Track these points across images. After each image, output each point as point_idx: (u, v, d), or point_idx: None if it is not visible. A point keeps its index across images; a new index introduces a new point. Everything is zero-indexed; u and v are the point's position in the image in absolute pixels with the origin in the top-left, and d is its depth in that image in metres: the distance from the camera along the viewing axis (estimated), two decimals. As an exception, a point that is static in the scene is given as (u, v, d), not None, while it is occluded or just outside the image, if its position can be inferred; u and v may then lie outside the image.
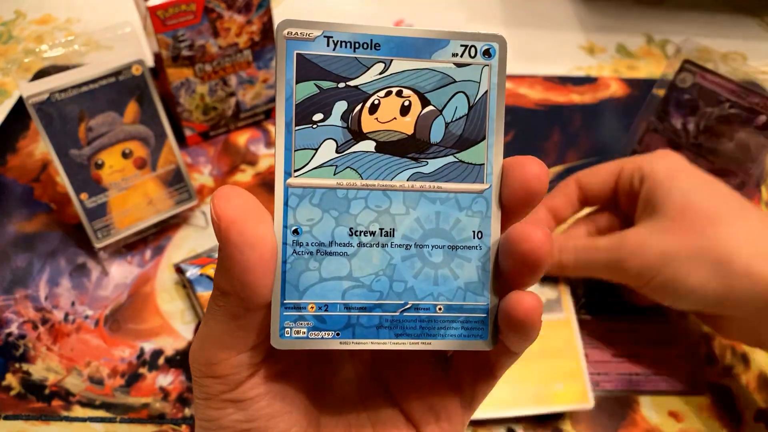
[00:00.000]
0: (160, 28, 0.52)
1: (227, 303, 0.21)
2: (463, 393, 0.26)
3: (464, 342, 0.23)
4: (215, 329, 0.22)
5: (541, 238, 0.21)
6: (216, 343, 0.22)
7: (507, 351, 0.24)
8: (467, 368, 0.26)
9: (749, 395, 0.47)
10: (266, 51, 0.59)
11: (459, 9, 0.83)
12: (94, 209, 0.50)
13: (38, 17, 0.77)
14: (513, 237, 0.22)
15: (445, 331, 0.23)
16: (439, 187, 0.22)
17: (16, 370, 0.46)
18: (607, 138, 0.66)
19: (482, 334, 0.23)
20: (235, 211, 0.20)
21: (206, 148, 0.62)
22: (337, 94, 0.22)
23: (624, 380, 0.47)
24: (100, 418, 0.44)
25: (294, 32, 0.22)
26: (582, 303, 0.50)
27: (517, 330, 0.22)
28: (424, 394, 0.26)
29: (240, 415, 0.23)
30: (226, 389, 0.23)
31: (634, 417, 0.46)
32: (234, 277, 0.20)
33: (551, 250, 0.21)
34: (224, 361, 0.22)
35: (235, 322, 0.21)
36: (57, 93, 0.46)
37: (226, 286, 0.21)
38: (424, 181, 0.22)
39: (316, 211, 0.22)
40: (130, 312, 0.50)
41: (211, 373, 0.22)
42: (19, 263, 0.52)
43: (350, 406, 0.26)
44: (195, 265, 0.50)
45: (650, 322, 0.50)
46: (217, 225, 0.20)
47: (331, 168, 0.22)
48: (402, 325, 0.22)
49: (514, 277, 0.23)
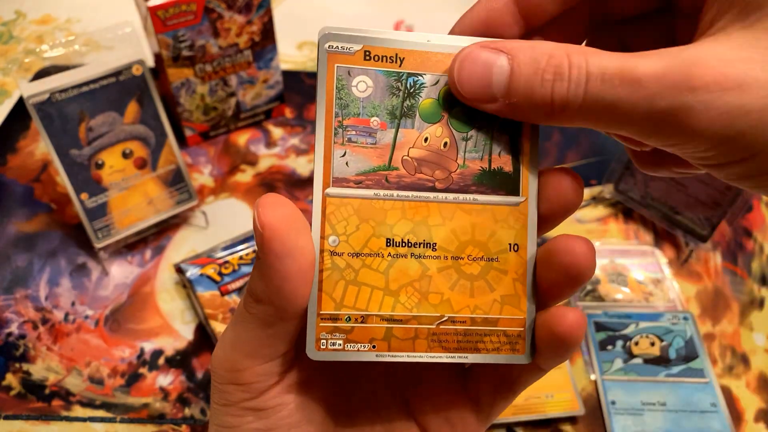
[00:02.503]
0: (160, 28, 0.52)
1: (260, 311, 0.21)
2: (481, 407, 0.26)
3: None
4: (243, 336, 0.22)
5: (585, 251, 0.21)
6: (243, 349, 0.22)
7: (534, 368, 0.24)
8: (487, 382, 0.25)
9: (749, 395, 0.47)
10: (266, 51, 0.59)
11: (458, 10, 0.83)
12: (95, 209, 0.50)
13: (39, 17, 0.77)
14: (555, 249, 0.21)
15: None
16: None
17: (16, 369, 0.46)
18: (607, 138, 0.66)
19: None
20: (278, 221, 0.19)
21: (206, 148, 0.62)
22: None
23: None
24: (100, 417, 0.44)
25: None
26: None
27: (557, 346, 0.22)
28: (441, 407, 0.26)
29: (260, 424, 0.23)
30: (248, 397, 0.22)
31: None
32: (271, 285, 0.20)
33: (594, 263, 0.21)
34: (250, 368, 0.22)
35: (266, 331, 0.21)
36: (57, 93, 0.46)
37: (262, 293, 0.20)
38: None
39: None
40: (130, 312, 0.50)
41: (235, 380, 0.22)
42: (20, 263, 0.52)
43: (365, 417, 0.26)
44: (195, 265, 0.50)
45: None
46: (260, 233, 0.19)
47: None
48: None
49: (554, 289, 0.22)
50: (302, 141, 0.63)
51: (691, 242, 0.55)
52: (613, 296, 0.52)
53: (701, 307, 0.53)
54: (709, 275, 0.55)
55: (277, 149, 0.63)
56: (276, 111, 0.65)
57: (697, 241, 0.54)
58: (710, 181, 0.52)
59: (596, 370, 0.47)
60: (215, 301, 0.48)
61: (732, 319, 0.52)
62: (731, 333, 0.51)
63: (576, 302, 0.52)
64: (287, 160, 0.62)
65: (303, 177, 0.60)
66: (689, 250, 0.56)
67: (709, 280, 0.54)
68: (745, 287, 0.54)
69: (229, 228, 0.55)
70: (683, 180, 0.53)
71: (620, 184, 0.58)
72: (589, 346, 0.49)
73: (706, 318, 0.52)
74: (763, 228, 0.59)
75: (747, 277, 0.55)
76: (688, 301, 0.53)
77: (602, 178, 0.60)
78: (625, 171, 0.57)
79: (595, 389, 0.47)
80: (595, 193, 0.60)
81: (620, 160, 0.57)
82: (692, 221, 0.54)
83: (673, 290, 0.53)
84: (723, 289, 0.54)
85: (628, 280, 0.54)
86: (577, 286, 0.21)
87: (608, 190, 0.59)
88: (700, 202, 0.53)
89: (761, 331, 0.51)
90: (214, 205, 0.58)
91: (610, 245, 0.56)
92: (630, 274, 0.54)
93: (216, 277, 0.49)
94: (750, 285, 0.54)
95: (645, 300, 0.52)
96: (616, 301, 0.52)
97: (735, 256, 0.56)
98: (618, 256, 0.55)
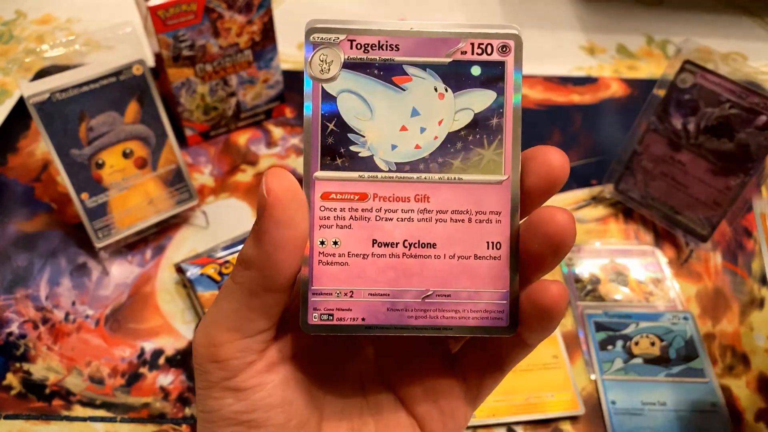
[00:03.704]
0: (160, 28, 0.52)
1: (247, 278, 0.22)
2: (469, 387, 0.26)
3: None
4: (225, 309, 0.22)
5: (566, 219, 0.22)
6: (224, 323, 0.22)
7: (521, 343, 0.24)
8: (475, 361, 0.26)
9: (749, 395, 0.47)
10: (267, 51, 0.59)
11: (459, 9, 0.83)
12: (95, 209, 0.50)
13: (39, 17, 0.77)
14: (537, 219, 0.22)
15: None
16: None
17: (16, 369, 0.46)
18: (608, 138, 0.66)
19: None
20: (283, 190, 0.21)
21: (207, 148, 0.62)
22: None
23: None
24: (100, 417, 0.44)
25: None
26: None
27: (541, 318, 0.22)
28: (429, 389, 0.26)
29: (239, 406, 0.23)
30: (227, 376, 0.23)
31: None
32: (264, 251, 0.21)
33: (574, 232, 0.22)
34: (228, 343, 0.22)
35: (250, 302, 0.22)
36: (58, 93, 0.46)
37: (254, 258, 0.21)
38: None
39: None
40: (131, 312, 0.50)
41: (213, 356, 0.23)
42: (20, 263, 0.52)
43: (353, 399, 0.26)
44: (195, 265, 0.50)
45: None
46: (263, 198, 0.21)
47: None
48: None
49: (537, 260, 0.23)
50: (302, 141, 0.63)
51: (691, 242, 0.55)
52: (613, 296, 0.52)
53: (701, 307, 0.53)
54: (709, 275, 0.55)
55: (277, 149, 0.63)
56: (276, 111, 0.65)
57: (697, 241, 0.54)
58: (710, 181, 0.52)
59: (596, 370, 0.47)
60: (215, 301, 0.48)
61: (732, 319, 0.52)
62: (731, 333, 0.51)
63: (576, 302, 0.52)
64: (287, 160, 0.62)
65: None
66: (689, 250, 0.56)
67: (709, 280, 0.54)
68: (746, 287, 0.54)
69: (229, 228, 0.55)
70: (683, 180, 0.53)
71: (620, 184, 0.58)
72: (589, 346, 0.49)
73: (706, 318, 0.52)
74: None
75: (747, 277, 0.55)
76: (688, 301, 0.53)
77: (602, 178, 0.60)
78: (625, 171, 0.57)
79: (595, 389, 0.47)
80: (595, 193, 0.60)
81: (620, 160, 0.57)
82: (692, 221, 0.54)
83: (674, 290, 0.53)
84: (723, 289, 0.54)
85: (628, 280, 0.54)
86: (560, 256, 0.22)
87: (608, 190, 0.59)
88: (700, 202, 0.53)
89: (761, 331, 0.51)
90: (214, 205, 0.58)
91: (610, 245, 0.56)
92: (630, 274, 0.54)
93: (216, 277, 0.49)
94: (750, 285, 0.54)
95: (645, 300, 0.52)
96: (616, 301, 0.52)
97: (735, 256, 0.56)
98: (618, 256, 0.55)
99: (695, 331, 0.49)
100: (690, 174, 0.53)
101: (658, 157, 0.54)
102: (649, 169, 0.55)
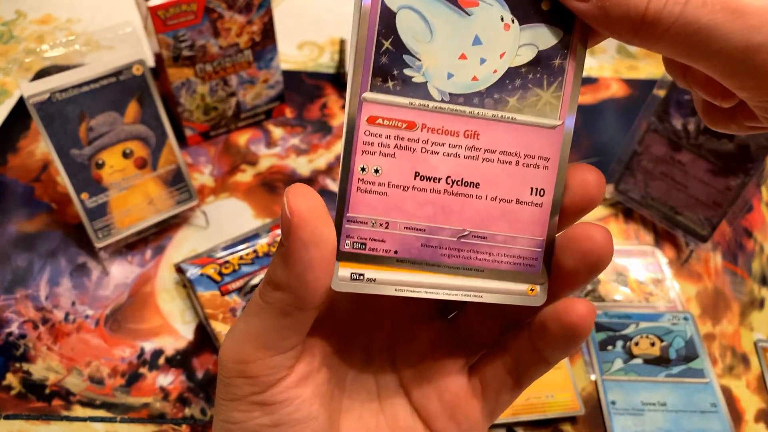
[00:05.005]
0: (160, 28, 0.52)
1: (278, 299, 0.21)
2: (487, 402, 0.26)
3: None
4: (256, 327, 0.22)
5: (604, 237, 0.21)
6: (255, 341, 0.22)
7: (541, 360, 0.24)
8: (494, 376, 0.26)
9: (749, 395, 0.47)
10: (267, 51, 0.59)
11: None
12: (95, 209, 0.50)
13: (39, 17, 0.77)
14: (574, 234, 0.22)
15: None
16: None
17: (16, 369, 0.46)
18: (608, 138, 0.66)
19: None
20: (307, 210, 0.20)
21: (207, 148, 0.62)
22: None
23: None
24: (100, 417, 0.44)
25: None
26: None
27: (567, 336, 0.22)
28: (446, 402, 0.26)
29: (266, 420, 0.23)
30: (256, 391, 0.22)
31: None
32: (294, 272, 0.20)
33: (612, 251, 0.21)
34: (260, 360, 0.22)
35: (282, 321, 0.21)
36: (58, 93, 0.46)
37: (283, 280, 0.21)
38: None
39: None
40: (131, 312, 0.50)
41: (244, 372, 0.22)
42: (20, 263, 0.52)
43: (370, 413, 0.26)
44: (195, 265, 0.50)
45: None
46: (288, 220, 0.20)
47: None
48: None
49: (570, 277, 0.23)
50: (302, 141, 0.63)
51: (691, 242, 0.55)
52: (613, 296, 0.53)
53: (701, 308, 0.53)
54: (709, 275, 0.55)
55: (277, 149, 0.63)
56: (276, 111, 0.65)
57: (698, 241, 0.54)
58: (710, 181, 0.52)
59: (596, 370, 0.48)
60: (215, 301, 0.48)
61: (732, 320, 0.52)
62: (731, 333, 0.51)
63: (576, 302, 0.52)
64: (287, 160, 0.62)
65: (303, 177, 0.60)
66: (689, 250, 0.56)
67: (709, 280, 0.54)
68: (746, 287, 0.54)
69: (229, 228, 0.55)
70: (683, 180, 0.53)
71: (620, 184, 0.58)
72: (589, 347, 0.49)
73: (707, 318, 0.52)
74: (763, 228, 0.59)
75: (747, 277, 0.55)
76: (688, 301, 0.53)
77: (602, 178, 0.60)
78: (625, 171, 0.57)
79: (595, 389, 0.47)
80: (596, 193, 0.60)
81: (620, 160, 0.57)
82: (692, 221, 0.54)
83: (674, 290, 0.53)
84: (723, 289, 0.54)
85: (629, 280, 0.54)
86: (594, 274, 0.22)
87: (608, 190, 0.59)
88: (700, 202, 0.53)
89: (761, 331, 0.51)
90: (214, 205, 0.58)
91: (610, 245, 0.56)
92: (630, 274, 0.54)
93: (216, 277, 0.49)
94: (750, 285, 0.54)
95: (645, 300, 0.52)
96: (616, 301, 0.52)
97: (735, 256, 0.56)
98: (618, 256, 0.55)
99: (695, 332, 0.50)
100: (690, 174, 0.53)
101: (658, 157, 0.54)
102: (649, 169, 0.55)
